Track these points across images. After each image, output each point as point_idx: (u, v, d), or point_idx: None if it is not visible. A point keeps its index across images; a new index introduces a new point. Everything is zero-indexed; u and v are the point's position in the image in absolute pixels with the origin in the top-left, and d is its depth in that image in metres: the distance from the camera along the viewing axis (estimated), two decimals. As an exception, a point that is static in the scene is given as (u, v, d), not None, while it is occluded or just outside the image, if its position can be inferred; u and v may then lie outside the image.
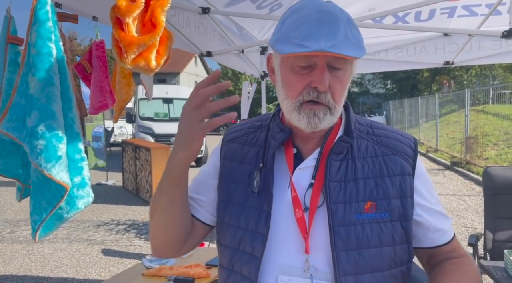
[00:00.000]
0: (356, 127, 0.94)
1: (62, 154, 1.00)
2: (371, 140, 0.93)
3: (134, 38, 0.94)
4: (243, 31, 3.29)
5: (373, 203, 0.87)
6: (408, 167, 0.90)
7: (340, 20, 0.80)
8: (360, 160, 0.90)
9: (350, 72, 0.87)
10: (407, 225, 0.88)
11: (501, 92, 14.70)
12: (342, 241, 0.84)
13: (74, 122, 1.03)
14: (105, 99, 1.56)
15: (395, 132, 0.96)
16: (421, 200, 0.92)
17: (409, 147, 0.93)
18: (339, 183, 0.87)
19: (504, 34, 2.08)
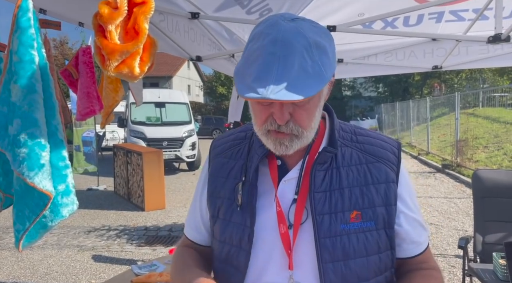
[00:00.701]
0: (340, 135, 0.93)
1: (45, 162, 0.98)
2: (355, 148, 0.92)
3: (116, 45, 0.93)
4: (233, 36, 3.29)
5: (359, 212, 0.86)
6: (392, 174, 0.90)
7: (295, 51, 0.75)
8: (344, 168, 0.89)
9: (318, 97, 0.83)
10: (391, 232, 0.89)
11: (490, 95, 14.89)
12: (328, 253, 0.84)
13: (57, 130, 1.02)
14: (92, 105, 1.55)
15: (379, 139, 0.95)
16: (403, 208, 0.91)
17: (392, 153, 0.93)
18: (324, 193, 0.86)
19: (490, 39, 2.10)
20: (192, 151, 11.37)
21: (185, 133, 11.41)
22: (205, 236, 1.04)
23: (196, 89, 37.73)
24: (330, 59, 0.80)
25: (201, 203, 1.04)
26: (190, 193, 8.64)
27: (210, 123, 25.22)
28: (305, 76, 0.74)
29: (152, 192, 7.21)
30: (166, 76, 30.67)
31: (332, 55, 0.81)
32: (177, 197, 8.26)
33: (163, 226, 6.21)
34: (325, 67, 0.77)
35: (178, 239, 5.55)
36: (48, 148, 0.98)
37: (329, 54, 0.79)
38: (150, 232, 5.93)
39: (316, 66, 0.76)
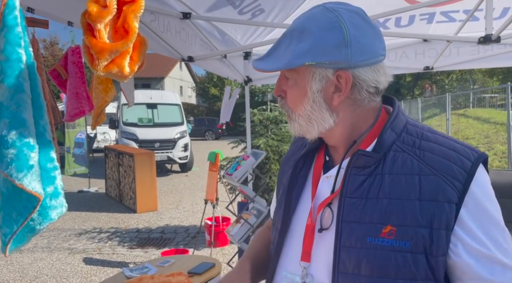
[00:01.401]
0: (401, 138, 0.82)
1: (34, 163, 0.96)
2: (413, 155, 0.80)
3: (106, 44, 0.92)
4: (225, 36, 3.28)
5: (394, 228, 0.75)
6: (452, 193, 0.74)
7: (286, 33, 0.82)
8: (390, 176, 0.78)
9: (304, 83, 0.82)
10: (435, 261, 0.74)
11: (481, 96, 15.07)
12: (345, 263, 0.78)
13: (45, 130, 1.00)
14: (82, 106, 1.53)
15: (449, 147, 0.80)
16: (465, 236, 0.75)
17: (460, 167, 0.76)
18: (358, 200, 0.79)
19: (481, 40, 2.12)
20: (184, 152, 11.32)
21: (177, 135, 11.36)
22: None
23: (189, 90, 37.62)
24: (313, 48, 0.78)
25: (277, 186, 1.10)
26: (182, 194, 8.60)
27: (203, 124, 25.14)
28: (276, 54, 0.82)
29: (144, 193, 7.16)
30: (158, 77, 30.54)
31: (318, 45, 0.78)
32: (169, 198, 8.21)
33: (155, 228, 6.16)
34: (294, 53, 0.79)
35: (170, 241, 5.52)
36: (36, 149, 0.96)
37: (311, 43, 0.78)
38: (142, 234, 5.88)
39: (291, 49, 0.80)
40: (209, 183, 4.68)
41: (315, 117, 0.84)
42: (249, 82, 4.00)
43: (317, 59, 0.78)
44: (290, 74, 0.84)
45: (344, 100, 0.83)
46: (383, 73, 0.83)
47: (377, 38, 0.82)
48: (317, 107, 0.83)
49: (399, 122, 0.85)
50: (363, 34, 0.79)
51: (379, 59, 0.82)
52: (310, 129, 0.86)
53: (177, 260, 2.67)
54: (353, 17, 0.80)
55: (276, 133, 5.74)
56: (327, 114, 0.83)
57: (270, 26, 2.97)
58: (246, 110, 4.25)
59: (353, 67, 0.80)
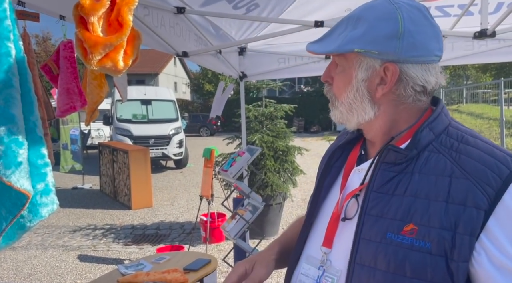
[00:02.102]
0: (439, 139, 0.80)
1: (23, 160, 0.94)
2: (449, 157, 0.78)
3: (99, 38, 0.89)
4: (220, 31, 3.25)
5: (416, 227, 0.74)
6: (482, 199, 0.71)
7: (343, 19, 0.84)
8: (420, 175, 0.77)
9: (351, 71, 0.83)
10: (456, 266, 0.71)
11: (474, 92, 15.16)
12: (362, 255, 0.78)
13: (36, 126, 0.98)
14: (73, 102, 1.50)
15: (486, 152, 0.77)
16: (491, 246, 0.71)
17: (496, 174, 0.73)
18: (384, 195, 0.79)
19: (476, 35, 2.11)
20: (179, 148, 11.29)
21: (172, 131, 11.31)
22: None
23: (183, 86, 37.46)
24: (364, 36, 0.78)
25: None
26: (177, 190, 8.59)
27: (197, 120, 25.06)
28: (330, 39, 0.83)
29: (139, 190, 7.13)
30: (152, 73, 30.37)
31: (370, 33, 0.78)
32: (164, 195, 8.19)
33: (150, 225, 6.15)
34: (346, 38, 0.79)
35: (165, 237, 5.51)
36: (26, 145, 0.93)
37: (364, 30, 0.78)
38: (137, 231, 5.86)
39: (341, 33, 0.82)
40: (204, 179, 4.67)
41: (356, 106, 0.84)
42: (244, 78, 3.98)
43: (366, 47, 0.78)
44: (340, 60, 0.85)
45: (387, 93, 0.82)
46: (434, 74, 0.81)
47: (434, 37, 0.80)
48: (360, 97, 0.83)
49: (439, 123, 0.82)
50: (420, 30, 0.78)
51: (433, 59, 0.80)
52: (350, 118, 0.86)
53: (173, 257, 2.65)
54: (413, 12, 0.78)
55: (271, 129, 5.73)
56: (369, 105, 0.83)
57: (265, 21, 2.95)
58: (241, 106, 4.23)
59: (402, 62, 0.79)
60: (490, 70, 23.08)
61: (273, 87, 6.61)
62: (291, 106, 6.11)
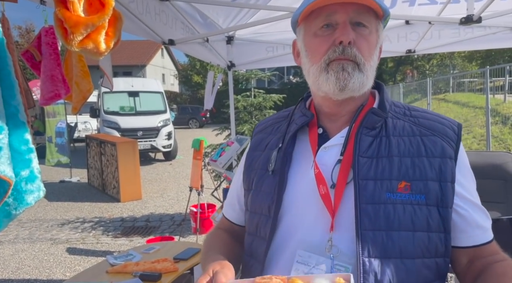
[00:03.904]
0: (392, 109, 0.90)
1: (3, 145, 0.91)
2: (408, 121, 0.88)
3: (80, 18, 0.86)
4: (207, 19, 3.21)
5: (408, 183, 0.79)
6: (450, 150, 0.83)
7: None
8: (395, 137, 0.84)
9: (376, 35, 0.86)
10: (445, 212, 0.79)
11: (460, 81, 15.31)
12: (369, 220, 0.78)
13: (18, 111, 0.95)
14: (57, 89, 1.46)
15: (436, 115, 0.90)
16: (461, 190, 0.82)
17: (451, 129, 0.86)
18: (369, 159, 0.82)
19: (462, 20, 2.12)
20: (168, 140, 11.20)
21: (160, 123, 11.21)
22: (239, 214, 1.04)
23: (171, 78, 37.08)
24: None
25: (238, 180, 1.04)
26: (167, 182, 8.54)
27: (186, 112, 24.88)
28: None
29: (127, 182, 7.07)
30: (140, 65, 29.94)
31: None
32: (154, 187, 8.14)
33: (139, 217, 6.11)
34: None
35: (155, 229, 5.48)
36: (6, 131, 0.90)
37: None
38: (126, 223, 5.82)
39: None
40: (194, 170, 4.65)
41: (372, 73, 0.87)
42: (232, 68, 3.95)
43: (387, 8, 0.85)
44: (371, 21, 0.84)
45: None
46: None
47: None
48: (374, 63, 0.88)
49: (388, 96, 0.93)
50: None
51: None
52: (368, 84, 0.87)
53: (162, 247, 2.64)
54: None
55: (260, 120, 5.72)
56: (374, 73, 0.89)
57: (253, 7, 2.92)
58: (230, 97, 4.20)
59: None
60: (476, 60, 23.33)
61: (262, 78, 6.59)
62: (280, 96, 6.10)
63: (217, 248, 0.95)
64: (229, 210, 1.08)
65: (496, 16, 2.39)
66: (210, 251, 0.94)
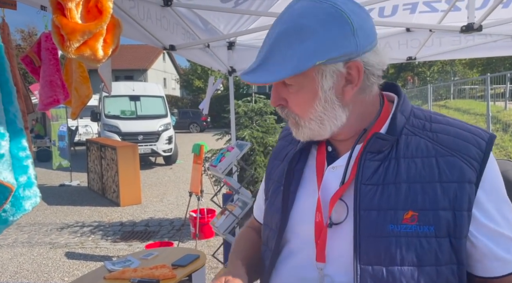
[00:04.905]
0: (410, 122, 0.80)
1: (5, 152, 0.91)
2: (426, 137, 0.78)
3: (77, 25, 0.86)
4: (208, 25, 3.21)
5: (416, 213, 0.72)
6: (470, 173, 0.73)
7: (276, 37, 0.74)
8: (406, 160, 0.76)
9: (311, 87, 0.76)
10: (459, 243, 0.72)
11: (461, 87, 15.33)
12: (367, 254, 0.73)
13: (16, 118, 0.95)
14: (56, 94, 1.46)
15: (461, 128, 0.78)
16: (482, 217, 0.73)
17: (476, 147, 0.75)
18: (374, 186, 0.75)
19: (463, 29, 2.12)
20: (168, 144, 11.20)
21: (161, 127, 11.22)
22: None
23: (172, 82, 37.16)
24: (321, 45, 0.72)
25: (263, 183, 1.05)
26: (167, 187, 8.53)
27: (187, 117, 24.90)
28: (275, 63, 0.73)
29: (127, 186, 7.06)
30: (141, 69, 30.03)
31: (325, 41, 0.71)
32: (153, 191, 8.13)
33: (139, 221, 6.09)
34: (301, 55, 0.71)
35: (155, 234, 5.47)
36: (7, 137, 0.90)
37: (316, 40, 0.72)
38: (125, 228, 5.81)
39: (286, 53, 0.72)
40: (194, 175, 4.64)
41: (327, 117, 0.78)
42: (233, 73, 3.95)
43: (329, 56, 0.72)
44: (293, 80, 0.76)
45: (355, 91, 0.78)
46: (381, 53, 0.79)
47: (370, 18, 0.78)
48: (330, 106, 0.77)
49: (407, 106, 0.83)
50: (362, 18, 0.75)
51: (377, 41, 0.79)
52: (323, 131, 0.80)
53: (161, 253, 2.63)
54: (347, 4, 0.75)
55: (261, 125, 5.72)
56: (340, 110, 0.78)
57: (254, 14, 2.93)
58: (231, 102, 4.20)
59: (361, 55, 0.75)
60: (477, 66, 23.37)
61: (263, 83, 6.58)
62: (280, 102, 6.09)
63: (242, 248, 0.99)
64: (257, 210, 1.10)
65: (497, 25, 2.40)
66: (236, 251, 0.98)
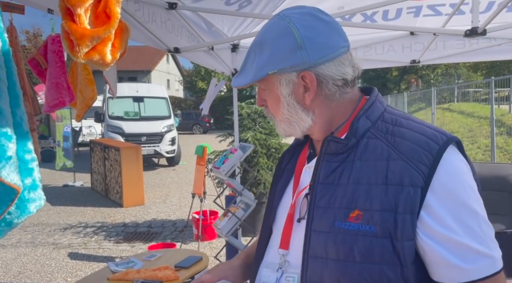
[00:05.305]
0: (376, 126, 0.84)
1: (12, 154, 0.92)
2: (384, 141, 0.81)
3: (86, 30, 0.87)
4: (212, 28, 3.23)
5: (361, 212, 0.77)
6: (417, 176, 0.74)
7: (251, 47, 0.87)
8: (361, 162, 0.80)
9: (276, 91, 0.86)
10: (402, 245, 0.73)
11: (465, 90, 15.28)
12: (314, 247, 0.80)
13: (22, 120, 0.96)
14: (62, 96, 1.47)
15: (418, 131, 0.80)
16: (431, 222, 0.73)
17: (426, 150, 0.76)
18: (328, 186, 0.82)
19: (467, 33, 2.12)
20: (171, 146, 11.23)
21: (164, 128, 11.24)
22: None
23: (176, 84, 37.25)
24: (272, 57, 0.82)
25: None
26: (169, 188, 8.55)
27: (190, 118, 24.95)
28: (246, 70, 0.86)
29: (130, 187, 7.08)
30: (145, 70, 30.14)
31: (275, 53, 0.82)
32: (156, 192, 8.14)
33: (142, 222, 6.11)
34: (258, 65, 0.83)
35: (157, 235, 5.48)
36: (14, 139, 0.91)
37: (269, 53, 0.82)
38: (128, 229, 5.82)
39: (256, 62, 0.84)
40: (197, 176, 4.65)
41: (293, 119, 0.88)
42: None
43: (278, 67, 0.82)
44: (263, 85, 0.88)
45: (315, 98, 0.85)
46: (349, 64, 0.84)
47: (335, 32, 0.83)
48: (293, 110, 0.86)
49: (374, 111, 0.86)
50: (317, 33, 0.81)
51: (342, 51, 0.83)
52: (293, 131, 0.90)
53: (164, 254, 2.64)
54: (305, 19, 0.82)
55: (264, 127, 5.72)
56: (303, 114, 0.87)
57: (258, 17, 2.93)
58: (234, 104, 4.21)
59: (314, 66, 0.82)
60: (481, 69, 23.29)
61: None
62: (283, 104, 6.09)
63: (254, 244, 1.09)
64: None
65: (501, 29, 2.39)
66: (249, 246, 1.11)
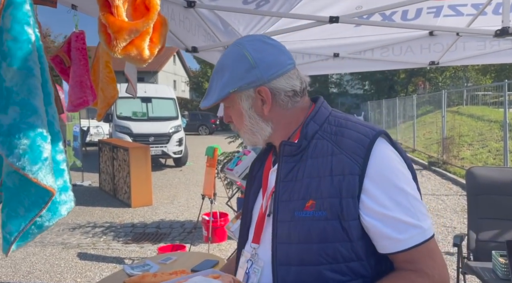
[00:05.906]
0: (323, 128, 1.00)
1: (48, 155, 0.87)
2: (329, 140, 0.97)
3: (124, 23, 0.83)
4: (228, 27, 3.19)
5: (314, 201, 0.92)
6: (354, 166, 0.91)
7: (214, 72, 1.02)
8: (312, 159, 0.96)
9: (237, 107, 1.01)
10: (348, 225, 0.90)
11: (474, 94, 15.13)
12: (281, 235, 0.95)
13: (54, 119, 0.91)
14: (86, 96, 1.43)
15: (355, 130, 0.97)
16: (369, 202, 0.90)
17: (360, 144, 0.93)
18: (288, 183, 0.97)
19: (497, 33, 2.06)
20: (179, 146, 11.21)
21: (172, 129, 11.23)
22: None
23: (182, 84, 37.30)
24: (231, 78, 0.97)
25: None
26: (177, 189, 8.51)
27: (196, 119, 24.95)
28: (212, 92, 1.01)
29: (139, 188, 7.05)
30: (152, 71, 30.19)
31: (234, 74, 0.97)
32: (164, 193, 8.11)
33: (150, 223, 6.08)
34: (220, 86, 0.98)
35: (165, 236, 5.44)
36: (49, 139, 0.86)
37: (229, 75, 0.97)
38: (137, 229, 5.79)
39: (217, 86, 0.99)
40: (207, 178, 4.60)
41: (255, 129, 1.02)
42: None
43: (237, 85, 0.97)
44: (227, 103, 1.03)
45: (272, 108, 1.00)
46: (296, 78, 1.01)
47: (281, 53, 1.00)
48: (254, 121, 1.01)
49: (321, 115, 1.02)
50: (266, 54, 0.98)
51: (289, 68, 1.00)
52: (256, 140, 1.04)
53: (179, 257, 2.59)
54: (255, 44, 0.99)
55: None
56: (263, 124, 1.02)
57: (277, 15, 2.89)
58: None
59: (268, 81, 0.98)
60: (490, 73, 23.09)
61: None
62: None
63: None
64: None
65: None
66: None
